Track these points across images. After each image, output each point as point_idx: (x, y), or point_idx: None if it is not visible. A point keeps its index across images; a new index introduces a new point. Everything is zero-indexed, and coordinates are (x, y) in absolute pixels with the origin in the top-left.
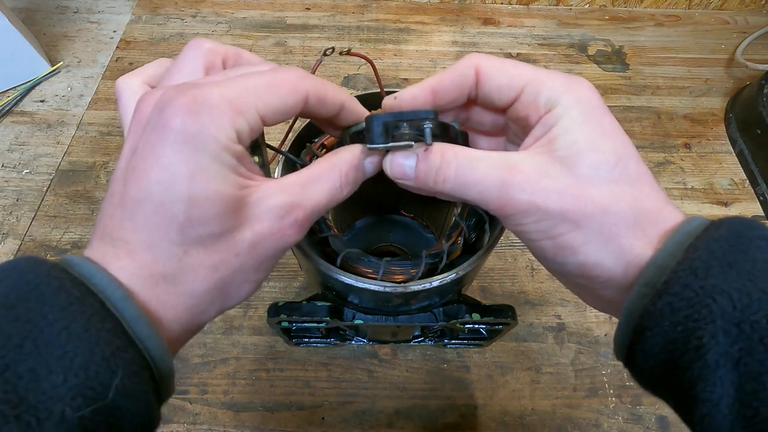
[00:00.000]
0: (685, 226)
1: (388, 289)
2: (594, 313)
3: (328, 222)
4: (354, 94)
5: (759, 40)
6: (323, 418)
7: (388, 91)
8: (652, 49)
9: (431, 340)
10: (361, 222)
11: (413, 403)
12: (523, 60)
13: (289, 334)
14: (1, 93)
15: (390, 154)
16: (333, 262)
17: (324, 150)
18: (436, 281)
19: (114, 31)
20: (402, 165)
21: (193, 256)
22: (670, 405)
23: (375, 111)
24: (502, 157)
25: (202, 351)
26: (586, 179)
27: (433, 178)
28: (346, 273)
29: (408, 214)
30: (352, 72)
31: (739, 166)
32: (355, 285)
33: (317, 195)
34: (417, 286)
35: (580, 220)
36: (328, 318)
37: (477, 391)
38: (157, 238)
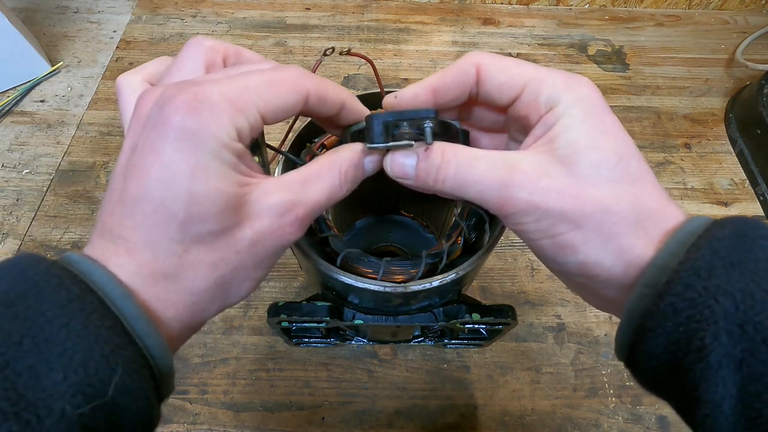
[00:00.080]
0: (688, 225)
1: (388, 289)
2: (594, 313)
3: (328, 222)
4: (354, 94)
5: (759, 40)
6: (323, 418)
7: (388, 91)
8: (652, 49)
9: (431, 340)
10: (361, 222)
11: (413, 403)
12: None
13: (289, 334)
14: (1, 93)
15: (390, 153)
16: (333, 262)
17: (324, 150)
18: (436, 281)
19: (114, 31)
20: (402, 164)
21: (193, 253)
22: (671, 405)
23: (375, 110)
24: (501, 156)
25: (202, 351)
26: (587, 178)
27: (434, 177)
28: (346, 273)
29: (408, 214)
30: (352, 72)
31: (739, 166)
32: (355, 285)
33: (317, 193)
34: (417, 286)
35: (580, 220)
36: (328, 318)
37: (477, 391)
38: (157, 236)
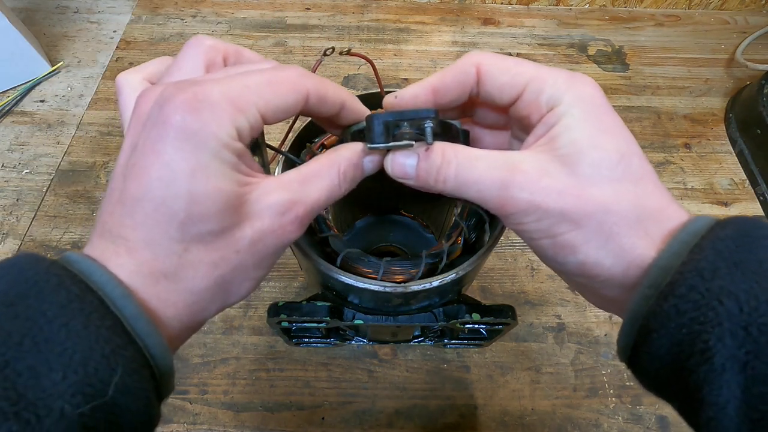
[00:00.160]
0: (690, 225)
1: (388, 289)
2: (594, 313)
3: (328, 222)
4: (354, 94)
5: (759, 40)
6: (323, 418)
7: (388, 91)
8: (652, 49)
9: (431, 340)
10: (361, 222)
11: (413, 403)
12: None
13: (289, 334)
14: (1, 93)
15: (391, 153)
16: (333, 262)
17: (324, 150)
18: (436, 281)
19: (114, 31)
20: (403, 164)
21: (193, 253)
22: (674, 407)
23: (375, 110)
24: (502, 156)
25: (202, 351)
26: (587, 178)
27: (434, 178)
28: (346, 273)
29: (408, 214)
30: (352, 72)
31: (739, 166)
32: (355, 285)
33: (316, 192)
34: (417, 286)
35: (580, 220)
36: (328, 318)
37: (477, 391)
38: (157, 236)
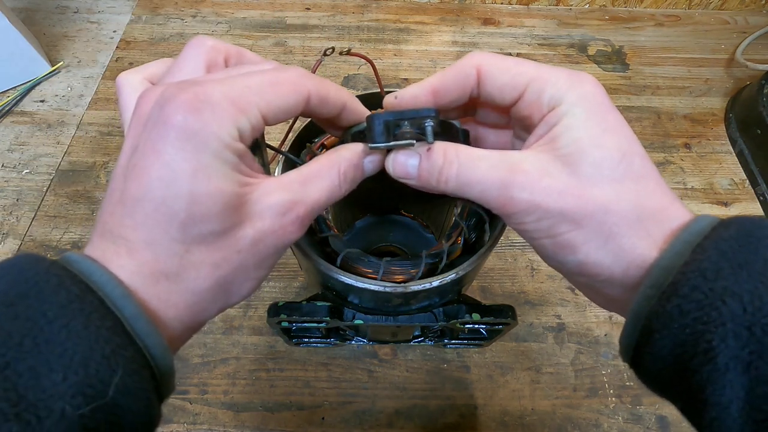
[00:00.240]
0: (693, 225)
1: (388, 289)
2: (594, 313)
3: (328, 222)
4: (354, 94)
5: (759, 40)
6: (323, 418)
7: (388, 91)
8: (652, 49)
9: (431, 340)
10: (361, 222)
11: (413, 403)
12: None
13: (289, 334)
14: (1, 93)
15: (393, 153)
16: (333, 262)
17: (324, 150)
18: (436, 281)
19: (114, 31)
20: (405, 164)
21: (194, 253)
22: (677, 407)
23: (375, 111)
24: (503, 156)
25: (202, 351)
26: (588, 178)
27: (436, 178)
28: (346, 273)
29: (408, 214)
30: (352, 72)
31: (739, 166)
32: (355, 285)
33: (317, 192)
34: (417, 286)
35: (580, 220)
36: (328, 318)
37: (477, 391)
38: (158, 236)
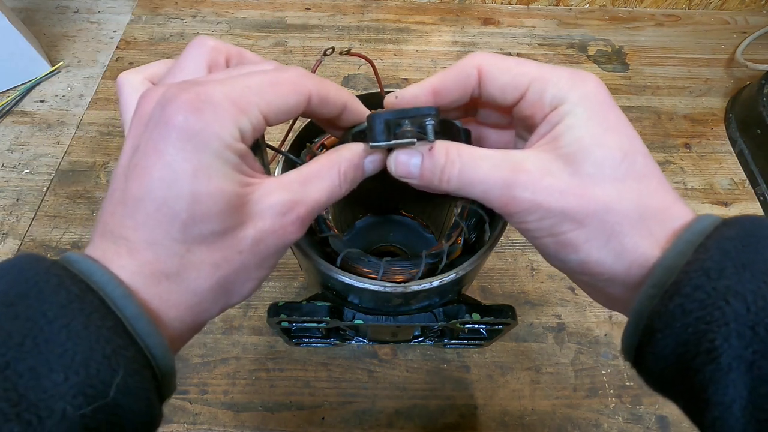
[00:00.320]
0: (695, 224)
1: (388, 289)
2: (594, 313)
3: (328, 222)
4: (354, 94)
5: (759, 40)
6: (323, 418)
7: (388, 91)
8: (652, 49)
9: (431, 340)
10: (361, 222)
11: (413, 403)
12: None
13: (289, 334)
14: (1, 93)
15: (394, 153)
16: (333, 262)
17: (324, 150)
18: (436, 281)
19: (114, 31)
20: (407, 164)
21: (195, 254)
22: (679, 406)
23: (376, 110)
24: (505, 155)
25: (202, 351)
26: (590, 177)
27: (438, 177)
28: (346, 273)
29: (408, 214)
30: (352, 72)
31: (739, 166)
32: (355, 285)
33: (317, 192)
34: (417, 286)
35: (582, 219)
36: (328, 318)
37: (477, 391)
38: (159, 236)
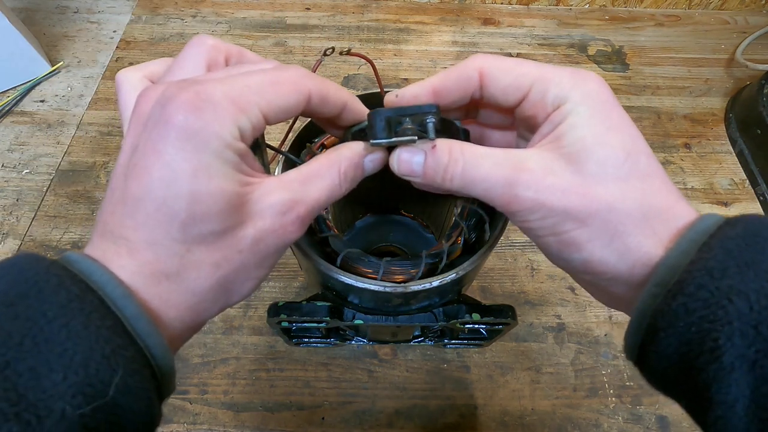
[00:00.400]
0: (698, 224)
1: (388, 289)
2: (594, 313)
3: (328, 222)
4: (354, 94)
5: (759, 40)
6: (323, 418)
7: (388, 91)
8: (652, 49)
9: (431, 340)
10: (361, 222)
11: (413, 403)
12: None
13: (289, 334)
14: (1, 93)
15: (397, 151)
16: (333, 262)
17: (324, 150)
18: (436, 281)
19: (114, 31)
20: (410, 162)
21: (195, 253)
22: (681, 405)
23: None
24: (508, 154)
25: (202, 351)
26: (593, 176)
27: (441, 176)
28: (346, 273)
29: (408, 214)
30: (352, 72)
31: (739, 166)
32: (355, 285)
33: (317, 191)
34: (417, 286)
35: (585, 218)
36: (328, 318)
37: (477, 391)
38: (158, 236)
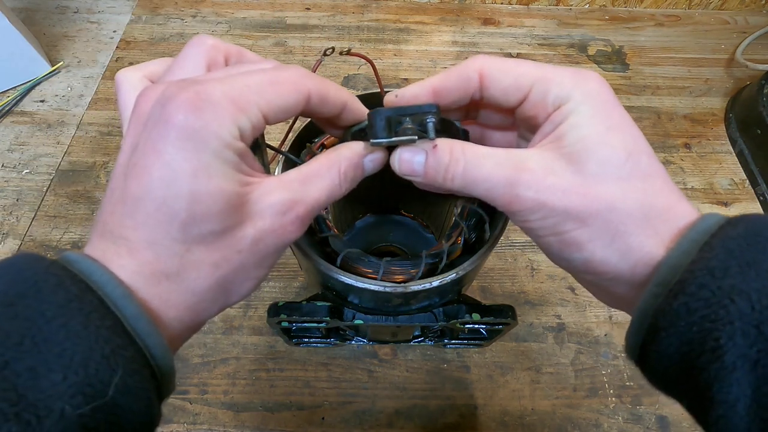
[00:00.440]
0: (700, 223)
1: (388, 289)
2: (594, 313)
3: (328, 222)
4: (354, 94)
5: (759, 40)
6: (323, 418)
7: (388, 91)
8: (652, 49)
9: (431, 340)
10: (361, 222)
11: (413, 403)
12: None
13: (289, 334)
14: (1, 93)
15: (398, 151)
16: (333, 262)
17: (324, 150)
18: (436, 281)
19: (114, 31)
20: (411, 161)
21: (195, 253)
22: (683, 405)
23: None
24: (509, 154)
25: (202, 351)
26: (594, 176)
27: (442, 176)
28: (346, 273)
29: (408, 214)
30: (352, 72)
31: (739, 166)
32: (355, 285)
33: (317, 191)
34: (417, 286)
35: (586, 218)
36: (328, 318)
37: (477, 391)
38: (158, 236)
